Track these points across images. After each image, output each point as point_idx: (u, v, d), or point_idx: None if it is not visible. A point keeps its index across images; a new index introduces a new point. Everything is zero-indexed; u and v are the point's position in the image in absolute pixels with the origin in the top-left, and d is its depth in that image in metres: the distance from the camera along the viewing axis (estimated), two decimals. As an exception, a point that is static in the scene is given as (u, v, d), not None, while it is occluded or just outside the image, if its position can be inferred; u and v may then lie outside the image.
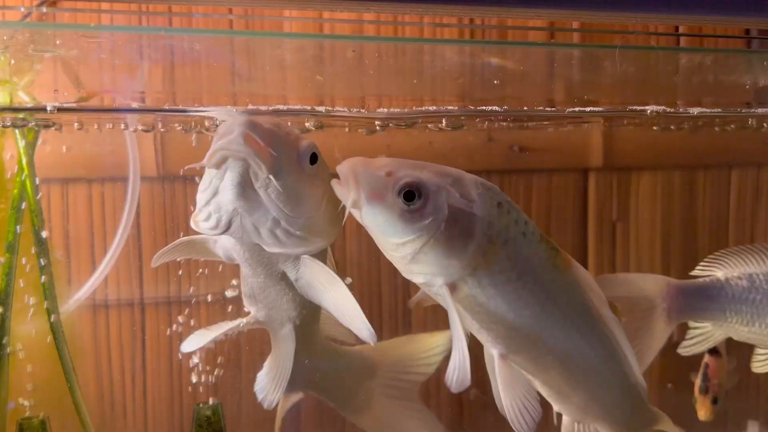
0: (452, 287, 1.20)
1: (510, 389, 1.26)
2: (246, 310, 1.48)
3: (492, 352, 1.29)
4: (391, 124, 1.68)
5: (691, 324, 1.72)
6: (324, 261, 1.47)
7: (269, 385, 1.42)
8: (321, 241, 1.32)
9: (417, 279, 1.22)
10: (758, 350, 1.72)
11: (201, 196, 1.24)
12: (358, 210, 1.18)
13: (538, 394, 1.32)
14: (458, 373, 1.17)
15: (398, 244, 1.17)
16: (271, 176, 1.18)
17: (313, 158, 1.26)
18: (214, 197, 1.22)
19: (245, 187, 1.19)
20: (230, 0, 1.57)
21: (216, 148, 1.17)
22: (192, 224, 1.26)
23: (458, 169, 1.23)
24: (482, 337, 1.28)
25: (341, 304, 1.29)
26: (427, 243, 1.16)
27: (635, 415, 1.43)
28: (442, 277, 1.19)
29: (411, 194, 1.15)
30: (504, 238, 1.20)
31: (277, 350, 1.46)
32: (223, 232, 1.24)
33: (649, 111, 1.66)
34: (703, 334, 1.70)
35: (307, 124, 1.70)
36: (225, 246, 1.37)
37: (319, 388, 1.60)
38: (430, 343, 1.63)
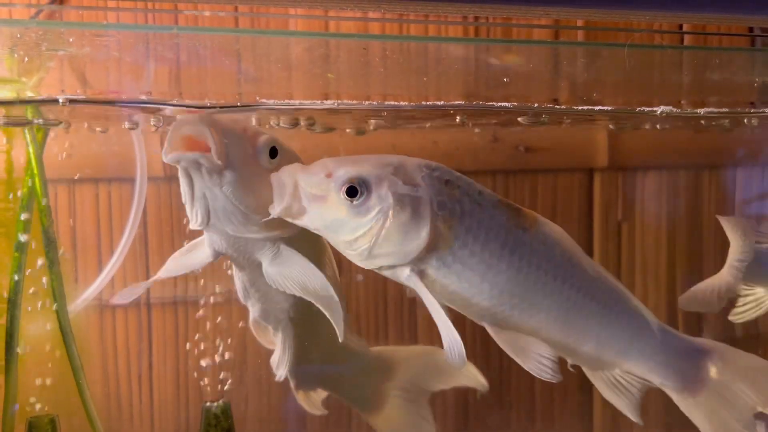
0: (421, 274, 1.21)
1: (515, 347, 1.27)
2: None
3: (483, 325, 1.29)
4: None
5: (743, 291, 1.75)
6: (322, 259, 1.48)
7: (276, 362, 1.47)
8: (283, 231, 1.33)
9: (385, 273, 1.23)
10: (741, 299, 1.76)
11: (186, 204, 1.28)
12: (300, 218, 1.19)
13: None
14: (455, 348, 1.18)
15: (351, 241, 1.19)
16: (223, 172, 1.22)
17: (273, 152, 1.28)
18: (192, 197, 1.26)
19: (200, 177, 1.23)
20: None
21: (170, 143, 1.21)
22: (191, 226, 1.31)
23: (401, 156, 1.24)
24: (468, 314, 1.28)
25: (315, 293, 1.31)
26: (379, 234, 1.17)
27: (663, 352, 1.38)
28: (405, 266, 1.20)
29: (353, 190, 1.16)
30: (458, 214, 1.21)
31: (278, 341, 1.49)
32: (207, 224, 1.28)
33: (659, 111, 1.66)
34: (756, 301, 1.73)
35: (303, 124, 1.71)
36: (210, 241, 1.38)
37: (334, 386, 1.62)
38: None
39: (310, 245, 1.41)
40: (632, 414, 1.41)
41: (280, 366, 1.46)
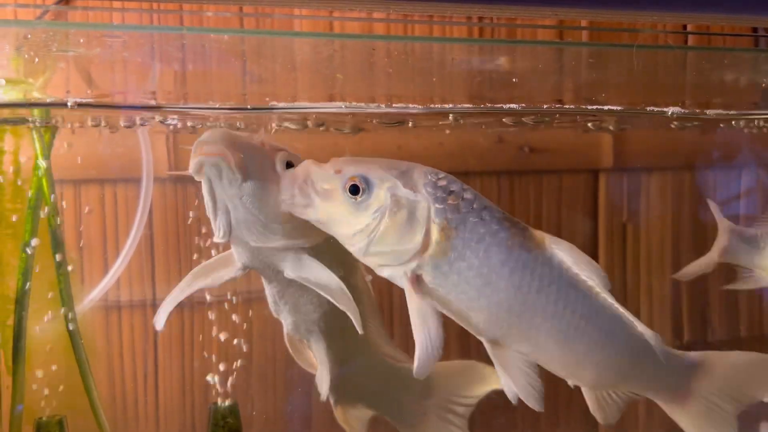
0: (416, 278, 1.25)
1: (507, 369, 1.29)
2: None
3: (481, 340, 1.31)
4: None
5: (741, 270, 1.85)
6: (355, 271, 1.51)
7: (318, 381, 1.51)
8: (304, 240, 1.36)
9: (383, 273, 1.28)
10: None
11: (210, 217, 1.31)
12: (305, 211, 1.26)
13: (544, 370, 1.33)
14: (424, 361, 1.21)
15: (351, 236, 1.25)
16: (242, 184, 1.27)
17: (289, 166, 1.32)
18: (215, 211, 1.30)
19: (221, 188, 1.27)
20: (241, -2, 1.59)
21: (192, 157, 1.26)
22: (215, 239, 1.34)
23: (412, 163, 1.29)
24: (467, 327, 1.29)
25: (332, 294, 1.36)
26: (375, 233, 1.23)
27: (663, 372, 1.40)
28: (399, 267, 1.25)
29: (356, 188, 1.23)
30: (456, 225, 1.24)
31: (314, 355, 1.53)
32: (230, 235, 1.31)
33: (670, 112, 1.67)
34: (752, 278, 1.83)
35: (311, 125, 1.72)
36: (237, 254, 1.40)
37: (373, 402, 1.63)
38: (487, 376, 1.64)
39: (338, 255, 1.43)
40: (608, 422, 1.44)
41: (323, 383, 1.50)
